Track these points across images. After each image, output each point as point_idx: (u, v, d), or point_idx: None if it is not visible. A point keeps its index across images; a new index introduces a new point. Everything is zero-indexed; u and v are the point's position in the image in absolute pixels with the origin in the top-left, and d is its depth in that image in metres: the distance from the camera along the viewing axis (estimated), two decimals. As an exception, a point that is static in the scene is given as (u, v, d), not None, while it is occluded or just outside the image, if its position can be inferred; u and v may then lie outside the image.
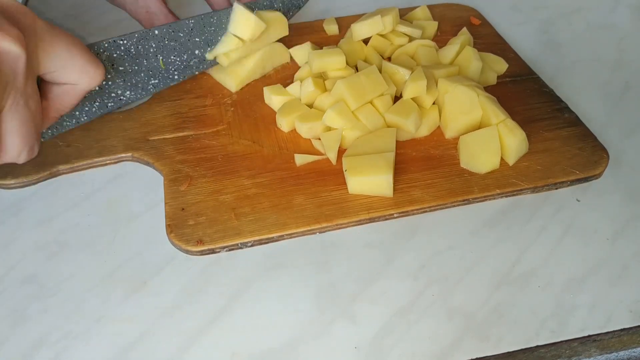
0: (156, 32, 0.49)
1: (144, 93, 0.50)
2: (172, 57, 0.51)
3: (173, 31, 0.50)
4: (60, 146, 0.51)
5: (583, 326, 0.38)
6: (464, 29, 0.59)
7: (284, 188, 0.47)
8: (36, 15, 0.36)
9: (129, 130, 0.52)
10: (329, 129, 0.50)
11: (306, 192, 0.46)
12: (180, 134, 0.52)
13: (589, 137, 0.50)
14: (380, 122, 0.49)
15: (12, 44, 0.33)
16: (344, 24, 0.64)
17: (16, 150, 0.35)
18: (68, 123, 0.47)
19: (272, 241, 0.44)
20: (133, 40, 0.48)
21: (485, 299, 0.40)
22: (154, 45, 0.49)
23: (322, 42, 0.62)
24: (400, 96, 0.52)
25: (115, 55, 0.47)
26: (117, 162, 0.50)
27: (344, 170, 0.47)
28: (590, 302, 0.40)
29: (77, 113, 0.47)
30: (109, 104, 0.49)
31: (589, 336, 0.38)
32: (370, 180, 0.45)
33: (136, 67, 0.48)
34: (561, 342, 0.38)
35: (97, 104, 0.48)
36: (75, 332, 0.39)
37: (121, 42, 0.47)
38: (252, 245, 0.44)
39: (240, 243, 0.43)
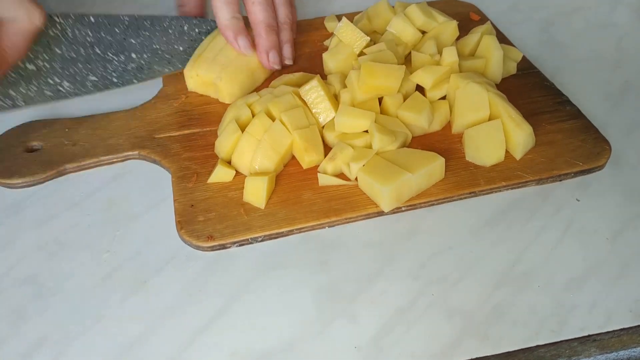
0: (92, 19, 0.48)
1: (83, 89, 0.49)
2: (108, 54, 0.49)
3: (109, 23, 0.49)
4: (66, 145, 0.51)
5: (583, 326, 0.38)
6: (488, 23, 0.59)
7: (293, 183, 0.47)
8: None
9: (135, 128, 0.52)
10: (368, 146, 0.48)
11: (314, 187, 0.47)
12: (187, 132, 0.52)
13: (591, 129, 0.51)
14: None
15: None
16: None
17: None
18: (3, 104, 0.46)
19: (282, 236, 0.44)
20: (69, 21, 0.47)
21: (484, 298, 0.40)
22: (90, 35, 0.48)
23: (323, 39, 0.63)
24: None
25: (51, 33, 0.46)
26: (124, 160, 0.51)
27: None
28: (590, 302, 0.40)
29: (13, 93, 0.46)
30: (47, 92, 0.48)
31: (589, 336, 0.38)
32: (372, 184, 0.44)
33: (73, 55, 0.47)
34: (561, 341, 0.38)
35: (35, 88, 0.47)
36: (75, 332, 0.39)
37: (57, 19, 0.46)
38: (262, 240, 0.44)
39: (251, 238, 0.44)
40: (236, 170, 0.48)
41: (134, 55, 0.51)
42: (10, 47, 0.42)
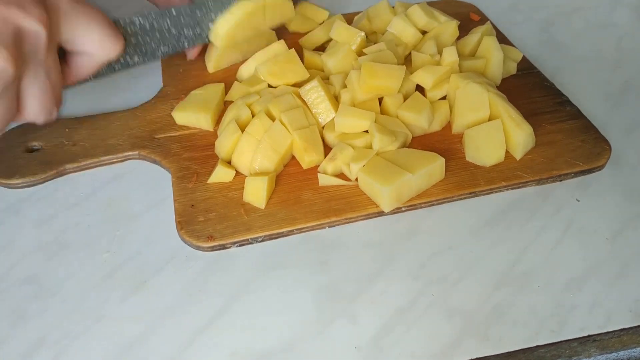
0: (174, 12, 0.51)
1: (152, 58, 0.51)
2: (184, 31, 0.52)
3: (191, 10, 0.52)
4: (66, 145, 0.51)
5: (583, 326, 0.38)
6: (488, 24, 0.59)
7: (293, 183, 0.47)
8: None
9: (135, 128, 0.52)
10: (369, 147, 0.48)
11: (314, 187, 0.47)
12: (186, 132, 0.52)
13: (591, 130, 0.51)
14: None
15: (34, 22, 0.35)
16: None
17: (35, 113, 0.38)
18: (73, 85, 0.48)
19: (282, 236, 0.44)
20: (150, 18, 0.49)
21: (484, 298, 0.40)
22: (169, 22, 0.51)
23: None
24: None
25: (129, 30, 0.48)
26: (124, 161, 0.51)
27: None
28: (590, 302, 0.40)
29: None
30: (116, 67, 0.50)
31: (589, 336, 0.38)
32: (372, 184, 0.44)
33: (148, 39, 0.50)
34: (561, 342, 0.38)
35: (106, 68, 0.49)
36: (75, 332, 0.39)
37: (137, 20, 0.48)
38: (262, 241, 0.44)
39: (251, 238, 0.44)
40: (236, 170, 0.48)
41: (210, 25, 0.54)
42: (79, 76, 0.44)
